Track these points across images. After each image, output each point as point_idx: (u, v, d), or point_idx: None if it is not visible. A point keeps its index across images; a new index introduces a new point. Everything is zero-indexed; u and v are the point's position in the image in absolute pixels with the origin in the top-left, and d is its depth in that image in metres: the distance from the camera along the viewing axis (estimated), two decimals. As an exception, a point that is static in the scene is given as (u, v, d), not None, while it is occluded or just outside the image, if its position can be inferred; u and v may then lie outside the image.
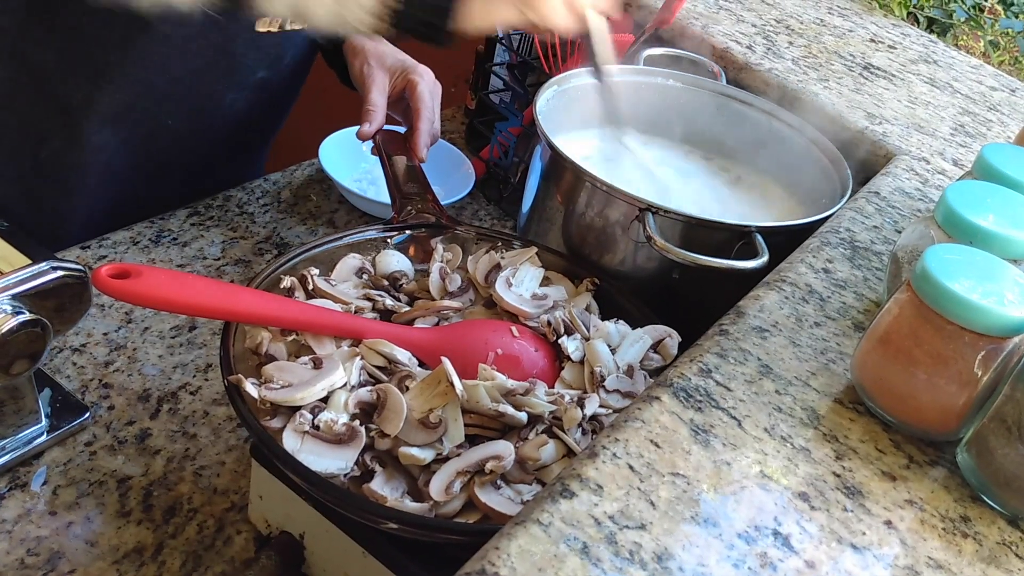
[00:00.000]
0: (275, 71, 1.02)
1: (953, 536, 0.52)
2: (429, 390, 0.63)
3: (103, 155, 0.96)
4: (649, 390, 0.57)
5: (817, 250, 0.76)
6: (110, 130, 0.95)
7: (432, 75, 1.02)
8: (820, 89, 1.11)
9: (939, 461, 0.57)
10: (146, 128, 0.97)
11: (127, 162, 0.99)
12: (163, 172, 1.03)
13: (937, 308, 0.54)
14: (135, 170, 1.00)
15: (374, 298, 0.75)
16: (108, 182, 0.99)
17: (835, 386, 0.61)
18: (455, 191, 1.10)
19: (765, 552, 0.48)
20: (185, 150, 1.03)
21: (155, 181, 1.03)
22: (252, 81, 1.00)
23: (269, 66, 1.00)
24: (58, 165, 0.96)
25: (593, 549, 0.45)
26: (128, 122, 0.95)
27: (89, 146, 0.95)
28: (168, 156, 1.02)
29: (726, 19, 1.26)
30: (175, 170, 1.04)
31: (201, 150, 1.04)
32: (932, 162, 1.00)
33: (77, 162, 0.96)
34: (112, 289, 0.62)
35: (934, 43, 1.42)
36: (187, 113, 0.98)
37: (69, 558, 0.66)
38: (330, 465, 0.59)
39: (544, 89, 0.93)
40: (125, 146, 0.97)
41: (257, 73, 1.00)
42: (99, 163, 0.97)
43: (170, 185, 1.05)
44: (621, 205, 0.81)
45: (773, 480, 0.52)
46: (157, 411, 0.79)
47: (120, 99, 0.93)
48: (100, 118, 0.93)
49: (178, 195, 1.04)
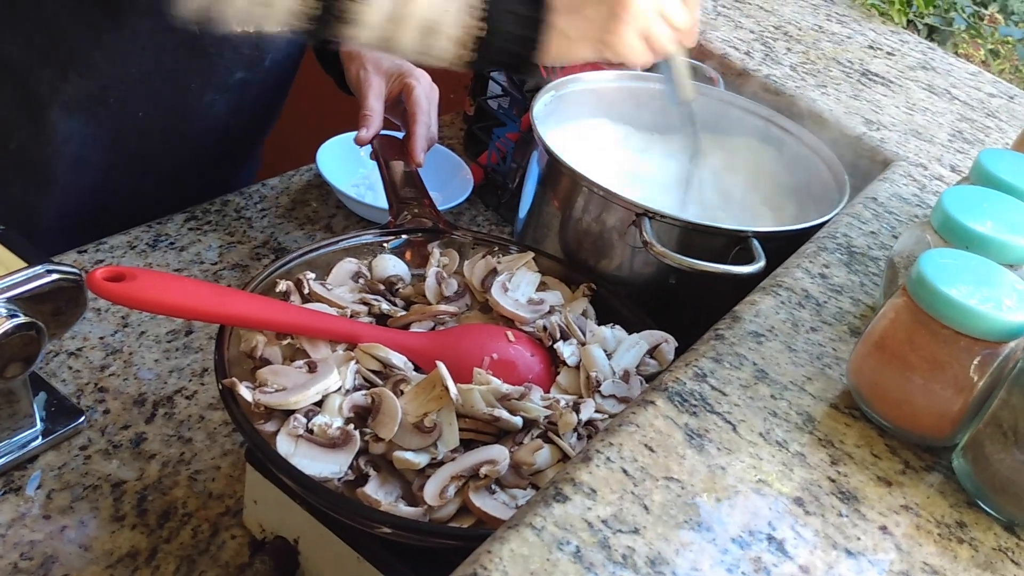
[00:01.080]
0: (255, 73, 1.00)
1: (949, 542, 0.52)
2: (424, 394, 0.63)
3: (71, 146, 0.95)
4: (644, 394, 0.57)
5: (814, 255, 0.76)
6: (77, 121, 0.94)
7: (428, 79, 1.02)
8: (818, 95, 1.11)
9: (935, 466, 0.57)
10: (116, 122, 0.96)
11: (101, 158, 0.98)
12: (142, 171, 1.02)
13: (933, 313, 0.54)
14: (112, 168, 0.99)
15: (370, 302, 0.75)
16: (80, 176, 0.98)
17: (831, 391, 0.61)
18: (453, 197, 1.10)
19: (759, 557, 0.48)
20: (167, 150, 1.02)
21: (135, 179, 1.03)
22: (231, 82, 0.99)
23: (248, 67, 0.99)
24: (26, 157, 0.95)
25: (586, 553, 0.45)
26: (97, 114, 0.94)
27: (56, 137, 0.94)
28: (145, 152, 1.01)
29: (724, 25, 1.26)
30: (158, 171, 1.03)
31: (182, 151, 1.03)
32: (930, 168, 1.00)
33: (44, 153, 0.95)
34: (107, 292, 0.62)
35: (932, 50, 1.42)
36: (161, 109, 0.97)
37: (63, 562, 0.66)
38: (324, 469, 0.59)
39: (541, 94, 0.93)
40: (96, 141, 0.96)
41: (235, 74, 0.98)
42: (68, 155, 0.96)
43: (152, 185, 1.04)
44: (618, 210, 0.81)
45: (768, 485, 0.52)
46: (152, 415, 0.79)
47: (87, 90, 0.92)
48: (66, 108, 0.93)
49: (164, 197, 1.04)
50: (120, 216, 1.00)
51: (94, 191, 1.00)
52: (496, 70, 0.69)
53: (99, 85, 0.92)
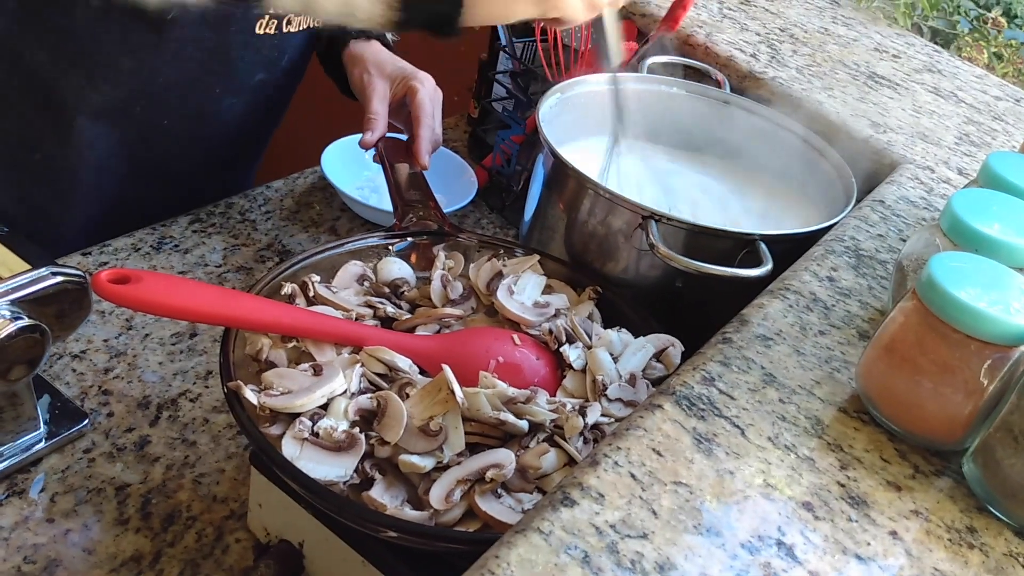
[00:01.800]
0: (272, 73, 1.01)
1: (959, 547, 0.52)
2: (430, 398, 0.63)
3: (96, 156, 0.95)
4: (651, 398, 0.57)
5: (821, 258, 0.76)
6: (103, 130, 0.94)
7: (432, 81, 1.01)
8: (824, 98, 1.11)
9: (945, 471, 0.57)
10: (141, 131, 0.96)
11: (123, 166, 0.98)
12: (162, 177, 1.03)
13: (943, 316, 0.54)
14: (133, 174, 1.00)
15: (375, 305, 0.74)
16: (104, 185, 0.99)
17: (840, 395, 0.60)
18: (457, 199, 1.09)
19: (769, 562, 0.47)
20: (184, 154, 1.02)
21: (154, 186, 1.03)
22: (250, 84, 0.99)
23: (267, 68, 0.99)
24: (52, 167, 0.95)
25: (594, 558, 0.45)
26: (122, 123, 0.95)
27: (81, 147, 0.94)
28: (166, 160, 1.01)
29: (730, 27, 1.26)
30: (174, 175, 1.04)
31: (199, 155, 1.04)
32: (937, 171, 1.00)
33: (70, 164, 0.95)
34: (112, 294, 0.62)
35: (938, 52, 1.42)
36: (184, 117, 0.98)
37: (66, 566, 0.66)
38: (329, 472, 0.59)
39: (547, 97, 0.92)
40: (120, 148, 0.96)
41: (255, 76, 0.99)
42: (92, 165, 0.96)
43: (170, 190, 1.05)
44: (624, 213, 0.80)
45: (777, 490, 0.52)
46: (157, 418, 0.79)
47: (113, 99, 0.92)
48: (92, 118, 0.93)
49: (178, 201, 1.04)
50: (132, 220, 1.00)
51: (113, 197, 1.01)
52: (426, 30, 0.68)
53: (126, 94, 0.93)
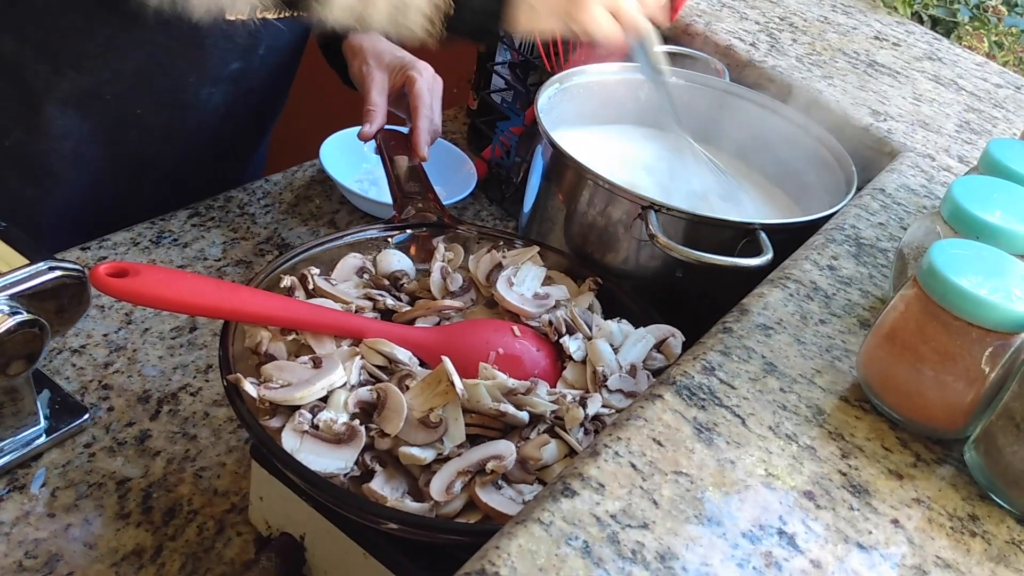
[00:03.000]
0: (250, 62, 0.99)
1: (961, 535, 0.52)
2: (430, 389, 0.63)
3: (68, 143, 0.95)
4: (652, 388, 0.57)
5: (822, 247, 0.75)
6: (74, 117, 0.93)
7: (431, 71, 1.01)
8: (824, 86, 1.10)
9: (946, 459, 0.57)
10: (115, 120, 0.96)
11: (98, 152, 0.97)
12: (142, 167, 1.02)
13: (944, 304, 0.54)
14: (110, 162, 0.99)
15: (375, 297, 0.74)
16: (80, 173, 0.97)
17: (840, 384, 0.60)
18: (457, 191, 1.09)
19: (770, 551, 0.47)
20: (165, 146, 1.01)
21: (136, 176, 1.02)
22: (226, 73, 0.98)
23: (242, 57, 0.98)
24: (23, 152, 0.94)
25: (595, 549, 0.45)
26: (93, 112, 0.94)
27: (52, 132, 0.93)
28: (145, 149, 1.00)
29: (729, 16, 1.26)
30: (156, 165, 1.03)
31: (183, 147, 1.03)
32: (937, 159, 0.99)
33: (41, 149, 0.94)
34: (110, 288, 0.62)
35: (939, 40, 1.41)
36: (160, 106, 0.97)
37: (67, 560, 0.66)
38: (330, 465, 0.58)
39: (546, 87, 0.92)
40: (94, 138, 0.96)
41: (231, 64, 0.98)
42: (65, 151, 0.95)
43: (153, 181, 1.04)
44: (623, 203, 0.80)
45: (778, 479, 0.52)
46: (157, 412, 0.79)
47: (83, 85, 0.92)
48: (62, 104, 0.92)
49: (166, 193, 1.03)
50: (122, 213, 1.00)
51: (94, 187, 1.00)
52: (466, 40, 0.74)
53: (94, 80, 0.92)
